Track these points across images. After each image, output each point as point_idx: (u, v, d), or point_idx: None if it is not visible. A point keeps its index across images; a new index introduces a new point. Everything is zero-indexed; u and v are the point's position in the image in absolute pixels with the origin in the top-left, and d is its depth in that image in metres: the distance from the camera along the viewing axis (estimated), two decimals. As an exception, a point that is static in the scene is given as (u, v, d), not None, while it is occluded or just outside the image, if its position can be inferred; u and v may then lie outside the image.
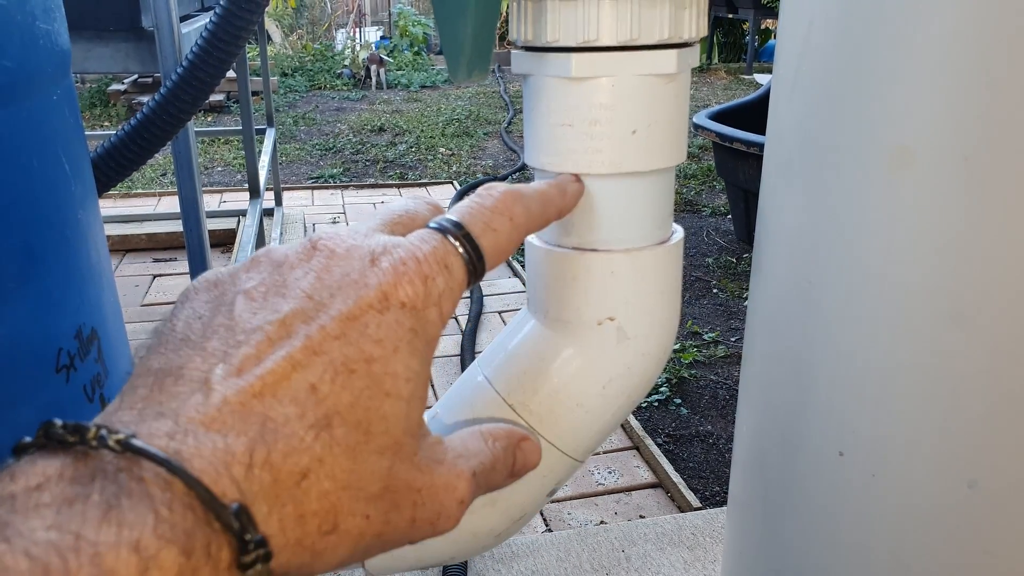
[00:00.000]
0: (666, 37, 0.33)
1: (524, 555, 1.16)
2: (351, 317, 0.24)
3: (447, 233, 0.27)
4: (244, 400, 0.21)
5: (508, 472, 0.30)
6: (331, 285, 0.24)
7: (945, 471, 0.36)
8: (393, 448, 0.24)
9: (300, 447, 0.22)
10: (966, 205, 0.33)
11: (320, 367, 0.23)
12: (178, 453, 0.20)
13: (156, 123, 0.68)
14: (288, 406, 0.22)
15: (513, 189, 0.30)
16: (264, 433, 0.21)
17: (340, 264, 0.25)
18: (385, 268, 0.25)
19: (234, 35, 0.64)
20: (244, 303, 0.24)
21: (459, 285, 0.27)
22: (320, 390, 0.22)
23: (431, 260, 0.26)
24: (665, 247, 0.37)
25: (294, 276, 0.25)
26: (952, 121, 0.32)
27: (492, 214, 0.29)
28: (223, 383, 0.22)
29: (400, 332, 0.24)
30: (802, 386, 0.42)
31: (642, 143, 0.34)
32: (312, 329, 0.23)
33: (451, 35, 0.30)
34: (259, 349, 0.23)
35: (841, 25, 0.36)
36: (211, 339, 0.23)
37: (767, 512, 0.47)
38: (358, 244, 0.26)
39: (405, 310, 0.25)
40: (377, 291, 0.24)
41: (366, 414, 0.23)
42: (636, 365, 0.38)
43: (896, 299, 0.36)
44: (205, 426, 0.21)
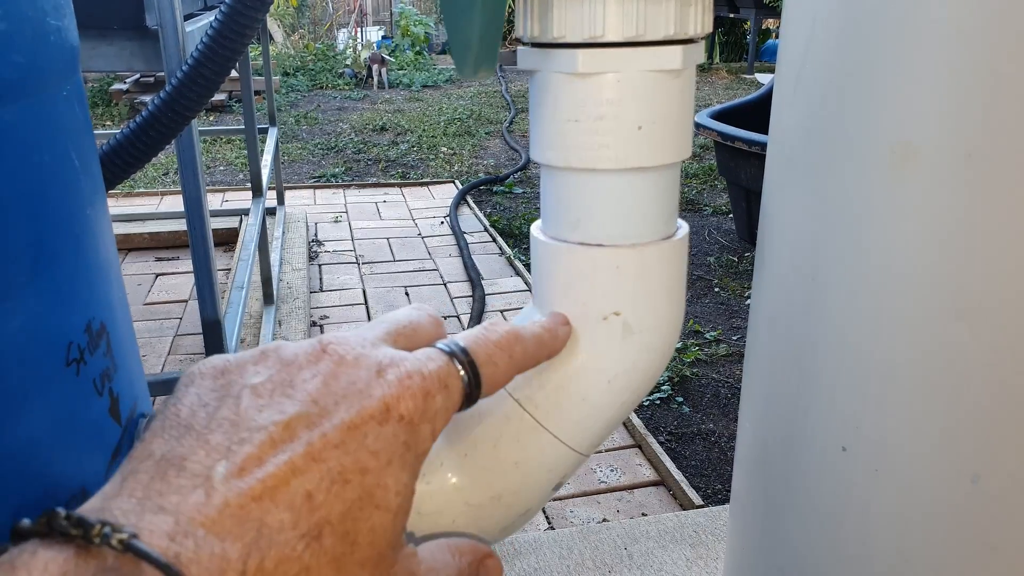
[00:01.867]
0: (671, 33, 0.33)
1: (527, 553, 1.16)
2: (352, 427, 0.24)
3: (454, 357, 0.29)
4: (243, 503, 0.22)
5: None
6: (336, 392, 0.25)
7: (948, 466, 0.36)
8: (375, 560, 0.24)
9: (291, 556, 0.22)
10: (969, 201, 0.33)
11: (318, 475, 0.23)
12: (177, 557, 0.21)
13: (161, 121, 0.68)
14: (284, 512, 0.22)
15: (514, 330, 0.32)
16: (259, 539, 0.22)
17: (347, 372, 0.26)
18: (391, 381, 0.26)
19: (239, 33, 0.64)
20: (250, 399, 0.25)
21: (454, 406, 0.28)
22: (315, 498, 0.23)
23: (434, 378, 0.27)
24: (670, 242, 0.38)
25: (301, 377, 0.25)
26: (955, 117, 0.32)
27: (496, 348, 0.30)
28: (225, 483, 0.22)
29: (395, 445, 0.25)
30: (805, 382, 0.42)
31: (647, 139, 0.35)
32: (314, 435, 0.24)
33: (459, 31, 0.30)
34: (261, 450, 0.23)
35: (844, 23, 0.36)
36: (215, 432, 0.24)
37: (769, 508, 0.47)
38: (367, 354, 0.27)
39: (403, 424, 0.25)
40: (380, 403, 0.25)
41: (355, 525, 0.24)
42: (641, 360, 0.38)
43: (899, 295, 0.36)
44: (205, 528, 0.21)
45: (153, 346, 2.11)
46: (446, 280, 2.58)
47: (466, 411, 0.39)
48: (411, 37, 7.38)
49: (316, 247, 2.92)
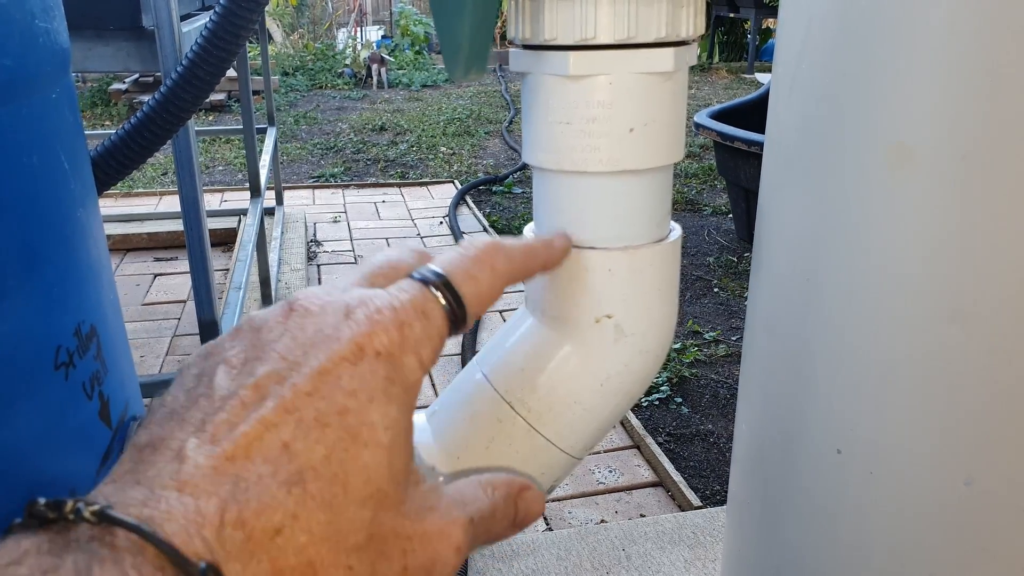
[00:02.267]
0: (663, 35, 0.33)
1: (524, 554, 1.16)
2: (323, 372, 0.24)
3: (427, 283, 0.27)
4: (217, 464, 0.22)
5: (510, 523, 0.30)
6: (304, 343, 0.25)
7: (942, 469, 0.36)
8: (376, 497, 0.24)
9: (272, 504, 0.22)
10: (964, 203, 0.33)
11: (292, 424, 0.23)
12: (150, 519, 0.21)
13: (156, 122, 0.68)
14: (261, 465, 0.22)
15: (495, 241, 0.31)
16: (236, 492, 0.22)
17: (314, 321, 0.25)
18: (359, 319, 0.25)
19: (234, 34, 0.64)
20: (223, 372, 0.25)
21: (438, 332, 0.27)
22: (293, 447, 0.23)
23: (408, 308, 0.26)
24: (663, 245, 0.37)
25: (271, 338, 0.25)
26: (950, 119, 0.32)
27: (473, 264, 0.29)
28: (197, 450, 0.22)
29: (375, 381, 0.24)
30: (801, 384, 0.42)
31: (639, 141, 0.35)
32: (284, 389, 0.24)
33: (449, 34, 0.30)
34: (233, 415, 0.23)
35: (840, 24, 0.36)
36: (192, 409, 0.24)
37: (766, 510, 0.47)
38: (333, 300, 0.26)
39: (380, 359, 0.25)
40: (350, 343, 0.24)
41: (342, 466, 0.23)
42: (634, 363, 0.38)
43: (894, 297, 0.36)
44: (178, 490, 0.21)
45: (151, 346, 2.11)
46: (445, 280, 2.58)
47: (457, 410, 0.39)
48: (411, 37, 7.38)
49: (315, 247, 2.92)
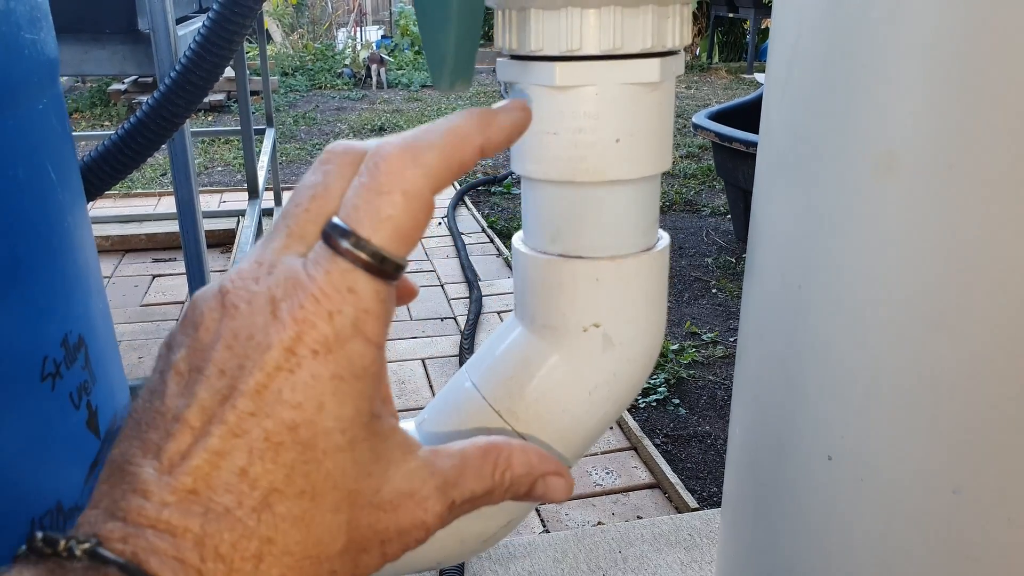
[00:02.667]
0: (649, 46, 0.33)
1: (521, 556, 1.16)
2: (262, 387, 0.23)
3: (338, 251, 0.24)
4: (181, 499, 0.22)
5: (519, 498, 0.29)
6: (240, 354, 0.23)
7: (931, 477, 0.36)
8: (348, 499, 0.24)
9: (246, 533, 0.22)
10: (950, 212, 0.33)
11: (244, 450, 0.22)
12: (134, 555, 0.21)
13: (150, 127, 0.68)
14: (224, 496, 0.22)
15: (404, 147, 0.25)
16: (207, 526, 0.22)
17: (245, 324, 0.24)
18: (285, 320, 0.23)
19: (227, 39, 0.64)
20: (172, 384, 0.24)
21: (373, 299, 0.24)
22: (251, 473, 0.22)
23: (330, 291, 0.23)
24: (650, 254, 0.37)
25: (207, 342, 0.24)
26: (936, 128, 0.32)
27: (379, 198, 0.24)
28: (157, 483, 0.22)
29: (319, 386, 0.23)
30: (792, 390, 0.42)
31: (626, 151, 0.35)
32: (226, 411, 0.23)
33: (434, 46, 0.30)
34: (183, 443, 0.23)
35: (828, 31, 0.36)
36: (151, 428, 0.23)
37: (759, 513, 0.47)
38: (260, 291, 0.24)
39: (319, 358, 0.23)
40: (281, 351, 0.23)
41: (307, 480, 0.23)
42: (622, 371, 0.38)
43: (881, 304, 0.36)
44: (152, 528, 0.22)
45: (149, 348, 2.11)
46: (443, 281, 2.58)
47: (447, 418, 0.39)
48: (410, 37, 7.38)
49: (314, 248, 2.91)
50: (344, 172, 0.26)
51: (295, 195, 0.26)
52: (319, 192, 0.25)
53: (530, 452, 0.28)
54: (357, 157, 0.26)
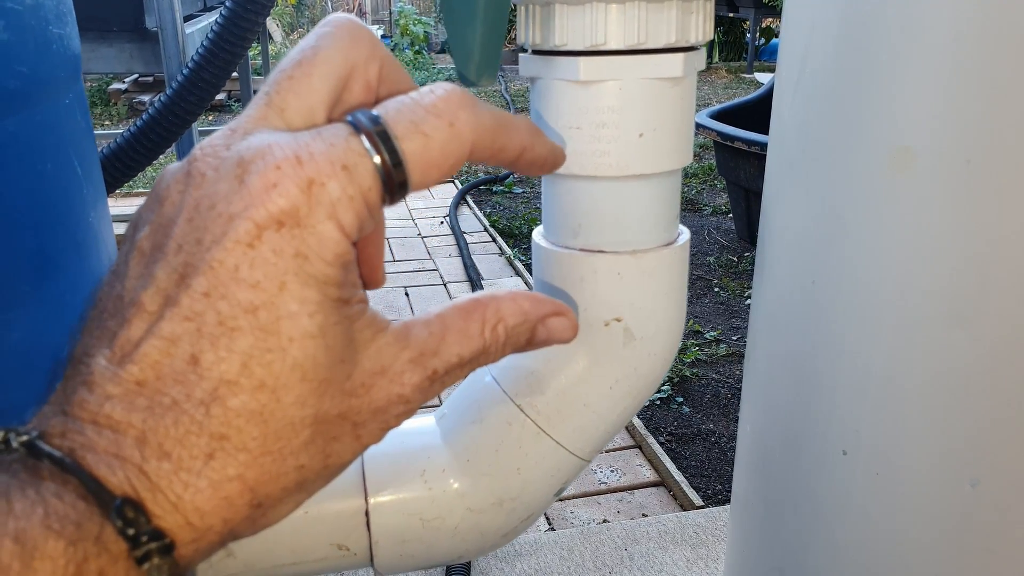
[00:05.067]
0: (673, 41, 0.33)
1: (527, 554, 1.16)
2: (218, 264, 0.20)
3: (358, 128, 0.21)
4: (125, 392, 0.20)
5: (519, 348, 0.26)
6: (200, 227, 0.21)
7: (947, 470, 0.36)
8: (318, 391, 0.21)
9: (193, 429, 0.20)
10: (968, 208, 0.33)
11: (195, 335, 0.20)
12: (71, 451, 0.20)
13: (162, 124, 0.68)
14: (172, 387, 0.20)
15: (466, 93, 0.23)
16: (151, 421, 0.20)
17: (208, 193, 0.21)
18: (252, 184, 0.20)
19: (240, 36, 0.64)
20: (134, 265, 0.22)
21: (365, 194, 0.21)
22: (202, 361, 0.20)
23: (321, 160, 0.20)
24: (671, 248, 0.38)
25: (170, 216, 0.21)
26: (953, 123, 0.33)
27: (427, 114, 0.22)
28: (104, 374, 0.20)
29: (282, 264, 0.20)
30: (805, 386, 0.42)
31: (648, 146, 0.35)
32: (181, 292, 0.20)
33: (461, 41, 0.30)
34: (135, 329, 0.21)
35: (843, 27, 0.36)
36: (111, 315, 0.21)
37: (770, 511, 0.47)
38: (228, 156, 0.21)
39: (283, 232, 0.20)
40: (243, 220, 0.20)
41: (267, 371, 0.20)
42: (643, 365, 0.38)
43: (898, 301, 0.36)
44: (93, 423, 0.20)
45: (153, 347, 2.11)
46: (446, 280, 2.58)
47: (466, 413, 0.40)
48: (410, 36, 7.38)
49: (316, 247, 2.91)
50: (340, 38, 0.23)
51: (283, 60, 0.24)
52: (306, 57, 0.23)
53: (520, 299, 0.26)
54: (358, 30, 0.24)
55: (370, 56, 0.24)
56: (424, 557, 0.39)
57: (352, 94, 0.24)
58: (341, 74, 0.23)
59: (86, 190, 0.36)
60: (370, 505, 0.37)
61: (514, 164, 0.25)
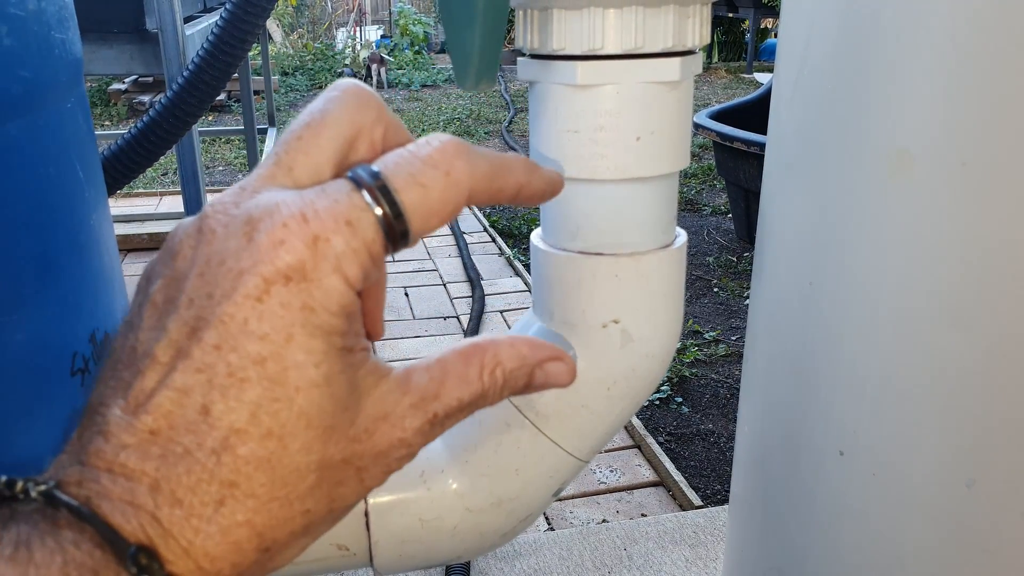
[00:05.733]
0: (670, 45, 0.33)
1: (526, 554, 1.16)
2: (228, 318, 0.21)
3: (359, 184, 0.22)
4: (140, 441, 0.21)
5: (517, 391, 0.27)
6: (211, 282, 0.21)
7: (943, 471, 0.36)
8: (322, 438, 0.22)
9: (205, 477, 0.21)
10: (964, 210, 0.33)
11: (206, 386, 0.21)
12: (87, 500, 0.20)
13: (163, 126, 0.68)
14: (184, 436, 0.21)
15: (461, 143, 0.24)
16: (164, 469, 0.21)
17: (218, 250, 0.22)
18: (261, 242, 0.21)
19: (240, 38, 0.64)
20: (148, 317, 0.23)
21: (369, 246, 0.22)
22: (212, 412, 0.21)
23: (326, 217, 0.21)
24: (669, 251, 0.38)
25: (182, 271, 0.22)
26: (950, 126, 0.33)
27: (424, 165, 0.23)
28: (119, 424, 0.21)
29: (289, 316, 0.21)
30: (803, 386, 0.42)
31: (646, 149, 0.35)
32: (192, 345, 0.21)
33: (459, 46, 0.31)
34: (149, 380, 0.21)
35: (841, 30, 0.37)
36: (125, 366, 0.22)
37: (768, 510, 0.48)
38: (237, 214, 0.22)
39: (291, 287, 0.21)
40: (252, 276, 0.21)
41: (275, 420, 0.21)
42: (640, 367, 0.38)
43: (895, 302, 0.36)
44: (109, 471, 0.21)
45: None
46: (445, 280, 2.58)
47: (466, 416, 0.40)
48: (410, 36, 7.38)
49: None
50: (347, 103, 0.25)
51: (294, 123, 0.25)
52: (315, 119, 0.24)
53: (519, 344, 0.26)
54: (365, 96, 0.25)
55: (376, 119, 0.25)
56: (423, 557, 0.39)
57: (358, 154, 0.25)
58: (348, 135, 0.25)
59: (88, 193, 0.36)
60: (369, 506, 0.37)
61: (513, 201, 0.26)
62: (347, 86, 0.25)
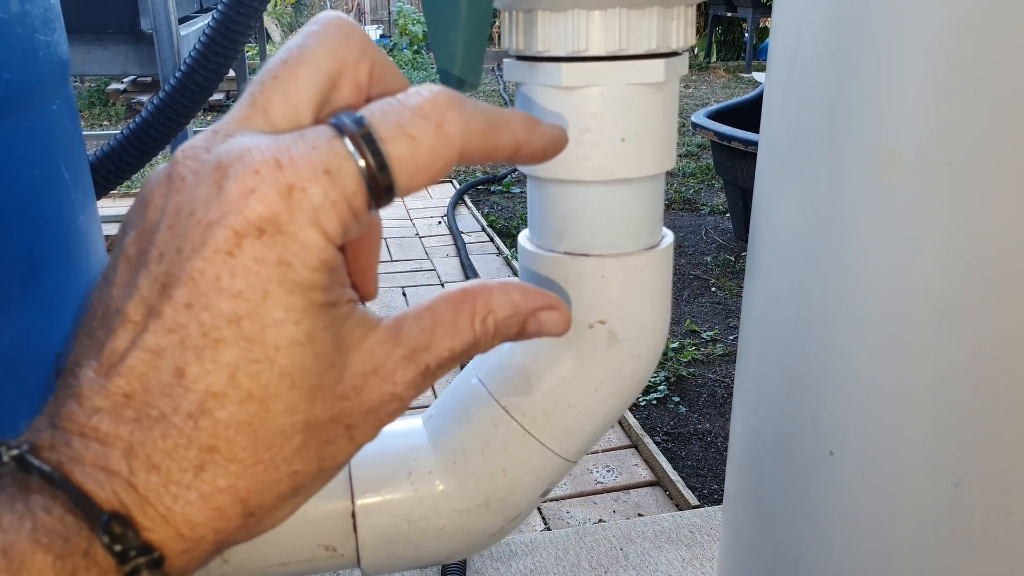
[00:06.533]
0: (654, 47, 0.33)
1: (523, 554, 1.16)
2: (198, 274, 0.20)
3: (341, 131, 0.21)
4: (114, 404, 0.20)
5: (508, 338, 0.26)
6: (180, 234, 0.20)
7: (931, 470, 0.36)
8: (307, 398, 0.21)
9: (181, 441, 0.20)
10: (951, 210, 0.33)
11: (179, 347, 0.20)
12: (59, 464, 0.20)
13: (155, 127, 0.68)
14: (159, 400, 0.20)
15: (455, 94, 0.22)
16: (138, 433, 0.20)
17: (188, 199, 0.20)
18: (229, 190, 0.20)
19: (232, 39, 0.64)
20: (121, 271, 0.21)
21: (349, 199, 0.20)
22: (187, 375, 0.20)
23: (302, 165, 0.20)
24: (655, 252, 0.38)
25: (153, 222, 0.21)
26: (937, 127, 0.33)
27: (413, 116, 0.21)
28: (92, 387, 0.20)
29: (264, 272, 0.20)
30: (793, 386, 0.42)
31: (631, 151, 0.35)
32: (163, 303, 0.20)
33: (443, 48, 0.31)
34: (120, 339, 0.20)
35: (830, 30, 0.37)
36: (100, 324, 0.21)
37: (760, 510, 0.48)
38: (208, 160, 0.21)
39: (264, 240, 0.19)
40: (222, 228, 0.19)
41: (255, 381, 0.20)
42: (627, 367, 0.39)
43: (884, 301, 0.36)
44: (81, 436, 0.20)
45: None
46: (444, 280, 2.58)
47: (453, 415, 0.40)
48: (409, 36, 7.38)
49: (314, 247, 2.91)
50: (329, 36, 0.23)
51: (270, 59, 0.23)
52: (293, 55, 0.22)
53: (512, 290, 0.25)
54: (348, 28, 0.23)
55: (360, 56, 0.23)
56: (411, 558, 0.39)
57: (341, 95, 0.23)
58: (329, 73, 0.23)
59: (74, 195, 0.36)
60: (356, 507, 0.37)
61: (511, 160, 0.25)
62: (329, 18, 0.23)
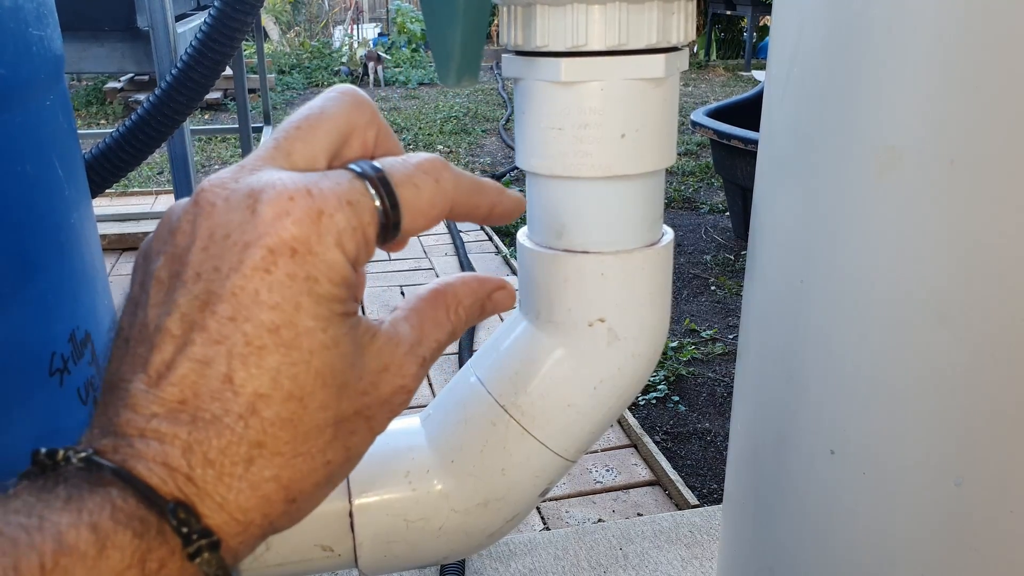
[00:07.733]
0: (654, 42, 0.33)
1: (522, 553, 1.16)
2: (239, 290, 0.22)
3: (363, 176, 0.24)
4: (169, 410, 0.22)
5: (472, 323, 0.30)
6: (216, 255, 0.23)
7: (932, 469, 0.36)
8: (337, 395, 0.24)
9: (233, 439, 0.22)
10: (952, 207, 0.33)
11: (226, 356, 0.22)
12: (124, 463, 0.22)
13: (151, 124, 0.68)
14: (211, 404, 0.22)
15: (445, 160, 0.27)
16: (195, 433, 0.22)
17: (221, 223, 0.23)
18: (264, 214, 0.22)
19: (228, 36, 0.64)
20: (154, 294, 0.24)
21: (365, 228, 0.24)
22: (235, 379, 0.22)
23: (329, 195, 0.23)
24: (655, 249, 0.38)
25: (184, 246, 0.23)
26: (938, 124, 0.33)
27: (416, 170, 0.26)
28: (145, 396, 0.23)
29: (296, 286, 0.23)
30: (794, 385, 0.42)
31: (631, 146, 0.35)
32: (207, 318, 0.22)
33: (441, 43, 0.30)
34: (167, 353, 0.23)
35: (830, 28, 0.36)
36: (138, 342, 0.23)
37: (760, 509, 0.47)
38: (237, 188, 0.23)
39: (296, 258, 0.22)
40: (259, 248, 0.22)
41: (294, 382, 0.23)
42: (627, 366, 0.38)
43: (884, 300, 0.36)
44: (142, 437, 0.22)
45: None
46: (442, 279, 2.58)
47: (451, 414, 0.40)
48: (407, 34, 7.38)
49: (312, 246, 2.91)
50: (344, 102, 0.27)
51: (291, 116, 0.26)
52: (314, 115, 0.26)
53: (470, 281, 0.30)
54: (361, 99, 0.27)
55: (370, 122, 0.27)
56: (409, 558, 0.39)
57: (351, 150, 0.27)
58: (343, 131, 0.27)
59: (68, 191, 0.36)
60: (354, 506, 0.37)
61: (486, 219, 0.30)
62: (345, 89, 0.27)
